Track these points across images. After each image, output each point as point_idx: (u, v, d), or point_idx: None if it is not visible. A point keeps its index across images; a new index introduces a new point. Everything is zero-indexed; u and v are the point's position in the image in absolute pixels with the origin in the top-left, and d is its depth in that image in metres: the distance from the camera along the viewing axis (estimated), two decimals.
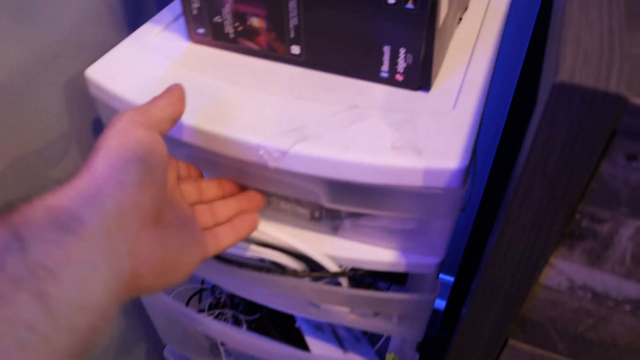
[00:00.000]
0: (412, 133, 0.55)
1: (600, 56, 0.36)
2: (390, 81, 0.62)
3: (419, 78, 0.60)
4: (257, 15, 0.63)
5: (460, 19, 0.72)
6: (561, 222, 0.42)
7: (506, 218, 0.44)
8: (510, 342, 0.57)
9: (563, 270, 0.47)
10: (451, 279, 1.45)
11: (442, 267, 0.68)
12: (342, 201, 0.60)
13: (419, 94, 0.61)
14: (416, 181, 0.54)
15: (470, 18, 0.73)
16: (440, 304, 1.37)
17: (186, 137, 0.60)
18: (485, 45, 0.68)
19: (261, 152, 0.55)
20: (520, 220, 0.43)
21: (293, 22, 0.62)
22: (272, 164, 0.55)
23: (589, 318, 0.51)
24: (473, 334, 0.58)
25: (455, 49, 0.67)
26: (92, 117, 0.78)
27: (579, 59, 0.35)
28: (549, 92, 0.35)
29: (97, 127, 0.76)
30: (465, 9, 0.74)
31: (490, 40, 0.68)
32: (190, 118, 0.58)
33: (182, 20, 0.74)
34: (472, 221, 1.05)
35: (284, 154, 0.55)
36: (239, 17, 0.65)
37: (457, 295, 1.22)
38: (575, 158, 0.37)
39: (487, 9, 0.75)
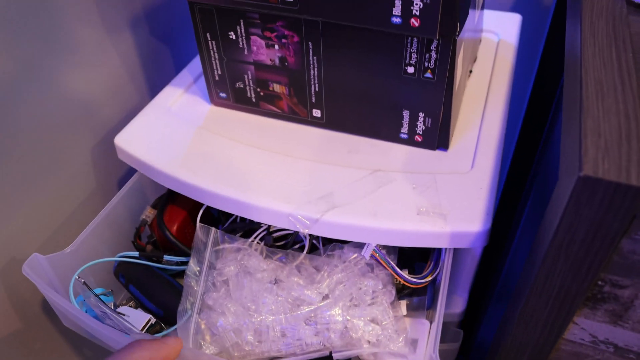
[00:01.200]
0: (435, 197, 0.58)
1: (619, 147, 0.38)
2: (410, 142, 0.65)
3: (437, 139, 0.63)
4: (279, 82, 0.66)
5: (471, 71, 0.74)
6: (584, 292, 0.45)
7: (534, 284, 0.47)
8: None
9: (586, 328, 0.50)
10: None
11: None
12: None
13: (438, 154, 0.64)
14: (442, 243, 0.57)
15: (480, 69, 0.76)
16: None
17: (215, 203, 0.62)
18: (497, 98, 0.70)
19: (292, 220, 0.58)
20: (545, 290, 0.46)
21: (314, 88, 0.65)
22: (302, 230, 0.58)
23: None
24: None
25: (468, 101, 0.70)
26: (118, 176, 0.81)
27: (601, 150, 0.38)
28: (574, 184, 0.38)
29: (121, 188, 0.78)
30: (475, 60, 0.77)
31: (502, 93, 0.71)
32: (220, 185, 0.61)
33: (201, 82, 0.77)
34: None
35: (314, 222, 0.57)
36: (261, 83, 0.67)
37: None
38: (599, 239, 0.40)
39: (495, 59, 0.77)
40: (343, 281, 0.60)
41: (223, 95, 0.71)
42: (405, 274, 0.60)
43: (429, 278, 0.61)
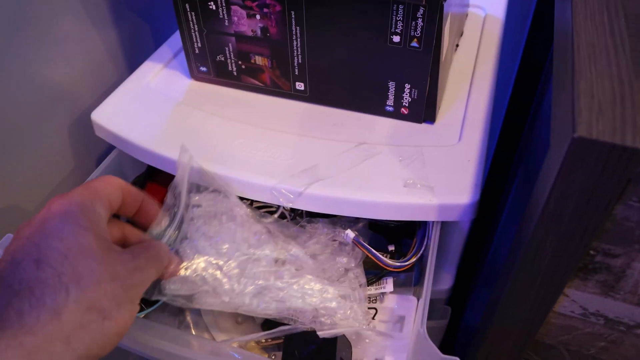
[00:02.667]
0: (422, 169, 0.57)
1: (613, 109, 0.37)
2: (396, 115, 0.63)
3: (424, 111, 0.62)
4: (260, 54, 0.64)
5: (457, 45, 0.73)
6: (577, 261, 0.44)
7: (524, 258, 0.46)
8: None
9: (577, 300, 0.49)
10: None
11: None
12: None
13: (424, 127, 0.63)
14: (430, 216, 0.55)
15: (467, 43, 0.74)
16: None
17: (198, 180, 0.61)
18: (484, 72, 0.69)
19: (275, 193, 0.56)
20: (537, 260, 0.45)
21: (297, 60, 0.63)
22: (285, 204, 0.57)
23: (601, 341, 0.53)
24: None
25: (454, 76, 0.69)
26: (96, 156, 0.79)
27: (594, 112, 0.37)
28: (568, 146, 0.36)
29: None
30: (461, 35, 0.75)
31: (489, 67, 0.70)
32: (202, 161, 0.59)
33: (181, 57, 0.75)
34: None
35: (298, 195, 0.56)
36: (243, 56, 0.66)
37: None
38: (592, 205, 0.39)
39: (482, 34, 0.76)
40: (316, 253, 0.58)
41: (203, 69, 0.69)
42: (386, 258, 0.59)
43: (412, 260, 0.59)
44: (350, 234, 0.58)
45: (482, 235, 1.05)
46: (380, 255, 0.58)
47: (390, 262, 0.58)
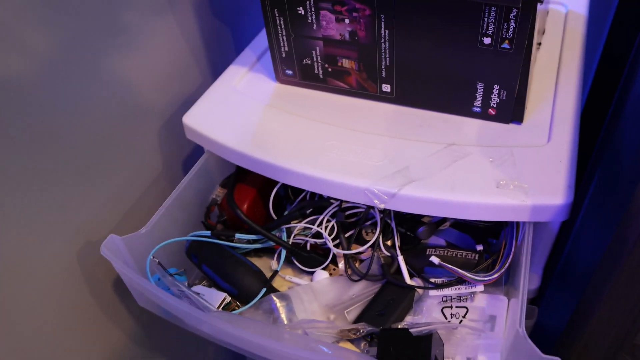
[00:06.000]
0: (514, 170, 0.57)
1: None
2: (483, 115, 0.63)
3: (512, 112, 0.62)
4: (348, 57, 0.66)
5: (540, 44, 0.73)
6: None
7: (626, 263, 0.45)
8: None
9: None
10: None
11: None
12: None
13: (512, 127, 0.63)
14: (523, 217, 0.55)
15: (549, 41, 0.74)
16: None
17: (288, 180, 0.62)
18: (569, 70, 0.69)
19: (369, 194, 0.58)
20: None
21: (384, 62, 0.64)
22: (379, 205, 0.58)
23: None
24: None
25: (538, 75, 0.68)
26: (182, 158, 0.81)
27: None
28: None
29: (187, 168, 0.79)
30: (544, 32, 0.75)
31: (574, 64, 0.69)
32: (292, 161, 0.61)
33: (265, 60, 0.77)
34: None
35: (392, 196, 0.57)
36: (329, 59, 0.67)
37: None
38: None
39: (564, 31, 0.75)
40: None
41: (289, 72, 0.71)
42: (471, 274, 0.60)
43: (502, 271, 0.60)
44: (435, 260, 0.60)
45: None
46: (468, 274, 0.59)
47: (478, 278, 0.59)
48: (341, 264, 0.66)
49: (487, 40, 0.57)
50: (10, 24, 0.51)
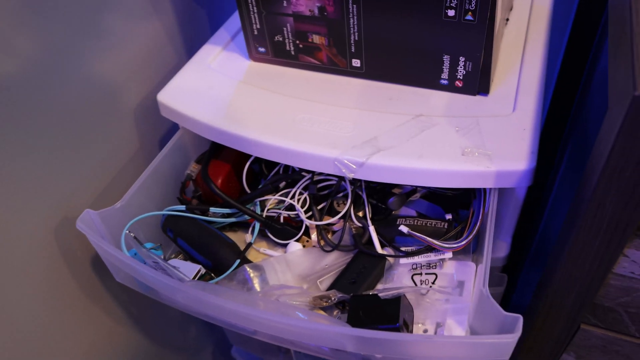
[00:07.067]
0: (479, 138, 0.58)
1: None
2: (450, 88, 0.65)
3: (478, 83, 0.63)
4: (318, 33, 0.67)
5: (507, 20, 0.74)
6: (636, 220, 0.45)
7: (583, 220, 0.47)
8: (582, 326, 0.60)
9: (637, 260, 0.50)
10: None
11: None
12: None
13: (479, 98, 0.64)
14: (488, 183, 0.57)
15: (517, 17, 0.75)
16: None
17: (261, 153, 0.63)
18: (535, 44, 0.70)
19: (338, 164, 0.59)
20: (597, 218, 0.46)
21: (354, 37, 0.65)
22: (348, 175, 0.59)
23: None
24: (547, 326, 0.61)
25: (506, 49, 0.70)
26: (159, 136, 0.82)
27: None
28: (628, 106, 0.38)
29: (163, 146, 0.80)
30: (511, 9, 0.76)
31: (540, 38, 0.71)
32: (265, 135, 0.62)
33: (239, 39, 0.78)
34: None
35: (360, 165, 0.58)
36: (300, 35, 0.68)
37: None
38: None
39: (531, 7, 0.77)
40: None
41: (262, 49, 0.72)
42: (440, 242, 0.62)
43: (470, 238, 0.61)
44: (404, 228, 0.62)
45: (532, 208, 1.05)
46: (436, 242, 0.61)
47: (446, 245, 0.61)
48: (314, 236, 0.68)
49: (451, 13, 0.59)
50: None
